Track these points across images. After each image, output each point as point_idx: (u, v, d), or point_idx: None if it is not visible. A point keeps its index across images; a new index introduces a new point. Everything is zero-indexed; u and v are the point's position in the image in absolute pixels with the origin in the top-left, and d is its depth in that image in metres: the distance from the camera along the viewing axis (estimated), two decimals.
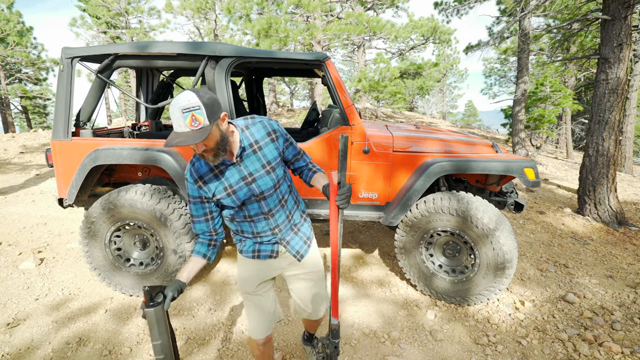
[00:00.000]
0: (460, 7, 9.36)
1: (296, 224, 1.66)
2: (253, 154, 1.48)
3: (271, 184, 1.51)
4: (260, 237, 1.59)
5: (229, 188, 1.47)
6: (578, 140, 16.77)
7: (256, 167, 1.48)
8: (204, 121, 1.24)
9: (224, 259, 3.58)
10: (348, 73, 27.70)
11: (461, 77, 29.20)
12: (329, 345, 1.60)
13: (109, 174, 3.26)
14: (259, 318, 1.68)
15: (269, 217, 1.55)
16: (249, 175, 1.48)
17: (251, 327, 1.70)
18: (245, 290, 1.67)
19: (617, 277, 3.45)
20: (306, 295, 1.75)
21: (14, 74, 16.29)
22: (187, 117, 1.21)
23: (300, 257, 1.66)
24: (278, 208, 1.56)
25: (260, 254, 1.61)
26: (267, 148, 1.50)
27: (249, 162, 1.47)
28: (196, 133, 1.23)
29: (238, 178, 1.47)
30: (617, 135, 4.95)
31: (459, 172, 2.73)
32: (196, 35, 17.90)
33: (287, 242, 1.62)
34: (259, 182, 1.49)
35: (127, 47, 2.74)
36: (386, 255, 3.76)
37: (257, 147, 1.48)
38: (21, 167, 7.54)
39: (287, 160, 1.62)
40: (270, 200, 1.53)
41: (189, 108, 1.22)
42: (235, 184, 1.47)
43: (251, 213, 1.53)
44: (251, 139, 1.47)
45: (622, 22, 4.65)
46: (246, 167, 1.47)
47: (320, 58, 2.74)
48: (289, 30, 9.65)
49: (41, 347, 2.33)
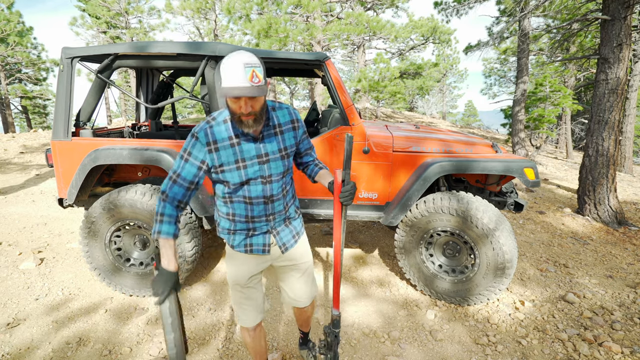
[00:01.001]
0: (460, 7, 9.36)
1: (289, 217, 1.68)
2: (274, 136, 1.50)
3: (281, 170, 1.52)
4: (253, 223, 1.56)
5: (241, 162, 1.45)
6: (578, 140, 16.77)
7: (274, 149, 1.49)
8: (262, 80, 1.28)
9: (224, 258, 3.58)
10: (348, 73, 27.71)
11: (461, 77, 29.22)
12: (330, 334, 1.67)
13: (109, 174, 3.26)
14: (250, 308, 1.72)
15: (269, 203, 1.54)
16: (265, 155, 1.47)
17: (242, 317, 1.73)
18: (236, 283, 1.68)
19: (617, 277, 3.45)
20: (293, 284, 1.79)
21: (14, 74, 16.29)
22: (248, 72, 1.24)
23: (285, 249, 1.66)
24: (279, 196, 1.56)
25: (253, 249, 1.60)
26: (287, 134, 1.53)
27: (268, 141, 1.48)
28: (255, 88, 1.26)
29: (254, 154, 1.46)
30: (617, 135, 4.95)
31: (459, 172, 2.73)
32: (196, 36, 17.91)
33: (278, 232, 1.63)
34: (272, 164, 1.49)
35: (127, 47, 2.74)
36: (386, 255, 3.76)
37: (279, 130, 1.51)
38: (21, 167, 7.54)
39: (299, 152, 1.66)
40: (275, 186, 1.53)
41: (250, 64, 1.25)
42: (248, 159, 1.45)
43: (252, 195, 1.50)
44: (276, 121, 1.51)
45: (622, 22, 4.65)
46: (265, 146, 1.47)
47: (320, 58, 2.74)
48: (288, 30, 9.65)
49: (41, 347, 2.33)
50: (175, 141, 2.84)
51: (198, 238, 2.86)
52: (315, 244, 3.95)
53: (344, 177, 1.50)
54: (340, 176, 1.51)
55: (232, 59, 1.26)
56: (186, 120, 19.99)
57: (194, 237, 2.79)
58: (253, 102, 1.31)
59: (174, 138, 3.79)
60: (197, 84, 2.92)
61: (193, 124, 5.32)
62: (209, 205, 2.87)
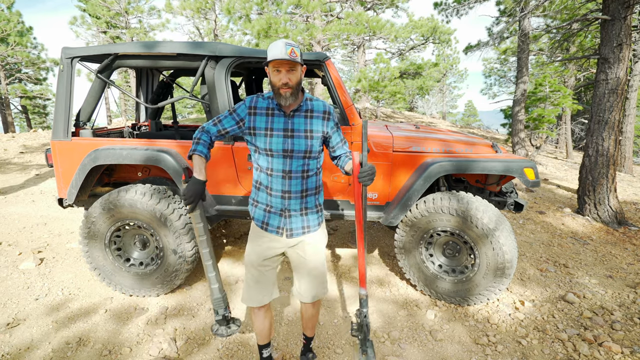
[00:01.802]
0: (459, 8, 9.36)
1: (307, 207, 1.77)
2: (304, 117, 1.70)
3: (303, 148, 1.68)
4: (271, 197, 1.73)
5: (269, 130, 1.68)
6: (578, 140, 16.78)
7: (300, 127, 1.69)
8: (299, 57, 1.58)
9: (224, 259, 3.58)
10: (348, 73, 27.71)
11: (461, 77, 29.23)
12: (359, 315, 1.84)
13: (109, 174, 3.26)
14: (253, 290, 1.85)
15: (287, 178, 1.69)
16: (291, 131, 1.68)
17: (244, 295, 1.88)
18: (249, 260, 1.82)
19: (616, 277, 3.45)
20: (300, 278, 1.89)
21: (14, 74, 16.28)
22: (288, 48, 1.53)
23: (290, 234, 1.76)
24: (298, 175, 1.71)
25: (268, 227, 1.76)
26: (316, 120, 1.72)
27: (297, 120, 1.69)
28: (293, 59, 1.55)
29: (281, 127, 1.68)
30: (617, 135, 4.95)
31: (459, 172, 2.73)
32: (196, 36, 17.90)
33: (289, 216, 1.75)
34: (295, 140, 1.68)
35: (127, 47, 2.74)
36: (386, 255, 3.76)
37: (310, 114, 1.72)
38: (21, 167, 7.53)
39: (332, 145, 1.81)
40: (295, 163, 1.69)
41: (291, 44, 1.55)
42: (276, 130, 1.68)
43: (273, 166, 1.69)
44: (309, 107, 1.73)
45: (622, 22, 4.65)
46: (293, 123, 1.69)
47: (320, 58, 2.74)
48: (288, 30, 9.65)
49: (41, 347, 2.33)
50: (175, 141, 2.83)
51: None
52: None
53: (362, 159, 1.66)
54: (358, 158, 1.67)
55: (276, 41, 1.57)
56: (186, 120, 19.99)
57: (194, 237, 2.79)
58: (290, 75, 1.59)
59: (174, 138, 3.79)
60: (197, 84, 2.92)
61: (193, 124, 5.32)
62: (209, 205, 2.87)
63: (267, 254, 1.79)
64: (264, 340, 2.00)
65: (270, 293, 1.87)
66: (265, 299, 1.86)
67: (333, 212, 2.95)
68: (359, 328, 1.82)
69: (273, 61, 1.55)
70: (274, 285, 1.90)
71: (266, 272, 1.83)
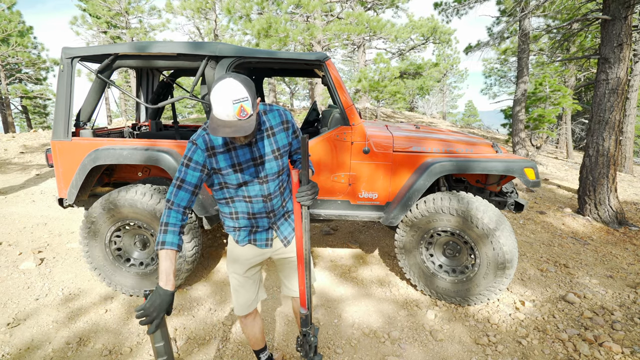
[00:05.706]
0: (460, 8, 9.35)
1: (288, 212, 1.76)
2: (267, 138, 1.55)
3: (276, 169, 1.59)
4: (255, 220, 1.64)
5: (237, 166, 1.52)
6: (578, 140, 16.77)
7: (267, 150, 1.55)
8: (250, 111, 1.29)
9: (224, 258, 3.58)
10: (348, 73, 27.70)
11: (461, 77, 29.20)
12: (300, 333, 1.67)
13: (109, 174, 3.26)
14: (243, 297, 1.80)
15: (267, 201, 1.62)
16: (259, 157, 1.54)
17: (235, 305, 1.82)
18: (234, 271, 1.77)
19: (617, 277, 3.45)
20: (291, 275, 1.84)
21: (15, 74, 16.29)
22: (236, 108, 1.26)
23: (287, 242, 1.75)
24: (277, 194, 1.64)
25: (257, 244, 1.70)
26: (280, 135, 1.59)
27: (261, 144, 1.54)
28: (244, 123, 1.29)
29: (248, 158, 1.52)
30: (617, 135, 4.95)
31: (459, 172, 2.73)
32: (196, 35, 17.90)
33: (278, 227, 1.72)
34: (266, 165, 1.56)
35: (127, 47, 2.74)
36: (386, 255, 3.76)
37: (271, 132, 1.56)
38: (21, 167, 7.54)
39: (292, 150, 1.71)
40: (272, 185, 1.60)
41: (238, 99, 1.25)
42: (244, 162, 1.52)
43: (251, 194, 1.58)
44: (267, 124, 1.56)
45: (622, 22, 4.65)
46: (258, 149, 1.54)
47: (320, 58, 2.74)
48: (288, 30, 9.64)
49: (41, 347, 2.33)
50: (175, 141, 2.83)
51: (198, 238, 2.86)
52: (315, 244, 3.95)
53: (301, 177, 1.48)
54: (296, 177, 1.50)
55: (219, 92, 1.26)
56: (186, 120, 19.99)
57: (194, 237, 2.79)
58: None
59: (174, 138, 3.79)
60: (197, 84, 2.91)
61: (193, 124, 5.32)
62: (209, 205, 2.87)
63: (253, 262, 1.75)
64: (259, 345, 1.98)
65: (256, 298, 1.84)
66: (254, 303, 1.83)
67: (333, 212, 2.95)
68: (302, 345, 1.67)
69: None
70: (261, 287, 1.88)
71: (252, 276, 1.80)
